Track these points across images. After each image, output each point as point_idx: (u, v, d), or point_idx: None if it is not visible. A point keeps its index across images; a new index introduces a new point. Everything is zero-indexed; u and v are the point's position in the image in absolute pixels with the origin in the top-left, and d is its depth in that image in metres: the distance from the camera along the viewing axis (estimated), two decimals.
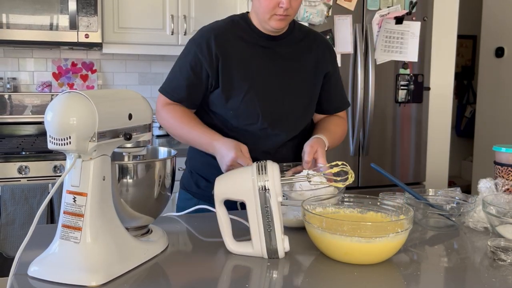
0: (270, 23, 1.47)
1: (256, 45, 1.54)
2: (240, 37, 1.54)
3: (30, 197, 2.41)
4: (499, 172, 1.50)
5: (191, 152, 1.69)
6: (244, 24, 1.56)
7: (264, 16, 1.47)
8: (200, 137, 1.49)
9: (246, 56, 1.52)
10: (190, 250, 1.15)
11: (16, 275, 0.96)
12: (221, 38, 1.52)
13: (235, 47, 1.52)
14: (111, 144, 0.98)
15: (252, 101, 1.51)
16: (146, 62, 3.36)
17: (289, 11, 1.44)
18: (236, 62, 1.51)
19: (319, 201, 1.21)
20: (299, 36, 1.60)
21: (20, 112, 3.03)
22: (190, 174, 1.67)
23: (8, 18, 2.65)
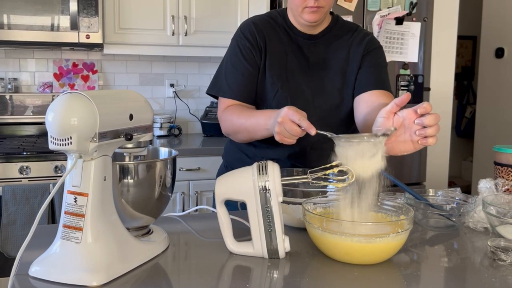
0: (303, 16, 1.47)
1: (291, 43, 1.54)
2: (277, 33, 1.54)
3: (31, 197, 2.42)
4: (499, 172, 1.51)
5: (227, 146, 1.71)
6: (281, 21, 1.56)
7: (297, 9, 1.46)
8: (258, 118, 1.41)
9: (281, 53, 1.52)
10: (191, 250, 1.15)
11: (17, 275, 0.97)
12: (264, 31, 1.52)
13: (272, 41, 1.52)
14: (112, 145, 0.98)
15: (284, 98, 1.51)
16: (147, 62, 3.36)
17: (320, 2, 1.43)
18: (271, 58, 1.51)
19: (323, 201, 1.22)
20: (338, 33, 1.57)
21: (21, 112, 3.03)
22: (225, 168, 1.69)
23: (9, 18, 2.65)
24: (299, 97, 1.53)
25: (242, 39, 1.53)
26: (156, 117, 3.17)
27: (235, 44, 1.55)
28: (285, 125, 1.20)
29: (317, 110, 1.54)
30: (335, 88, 1.55)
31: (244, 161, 1.57)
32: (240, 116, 1.47)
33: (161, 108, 3.42)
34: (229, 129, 1.52)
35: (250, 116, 1.44)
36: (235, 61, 1.54)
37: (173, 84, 3.40)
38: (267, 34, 1.53)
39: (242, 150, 1.63)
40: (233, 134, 1.53)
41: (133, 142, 1.06)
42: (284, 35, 1.54)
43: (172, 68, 3.41)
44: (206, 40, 3.04)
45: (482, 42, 4.35)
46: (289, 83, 1.52)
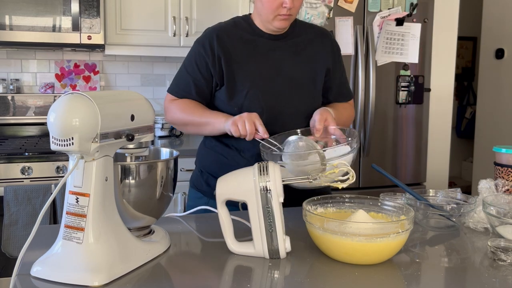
0: (273, 24, 1.50)
1: (257, 44, 1.57)
2: (242, 37, 1.57)
3: (33, 198, 2.42)
4: (499, 173, 1.51)
5: (201, 151, 1.71)
6: (245, 25, 1.59)
7: (267, 16, 1.49)
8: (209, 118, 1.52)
9: (247, 55, 1.55)
10: (192, 250, 1.15)
11: (19, 275, 0.97)
12: (223, 38, 1.55)
13: (237, 46, 1.55)
14: (114, 145, 0.99)
15: (255, 97, 1.53)
16: (148, 63, 3.37)
17: (292, 11, 1.47)
18: (238, 60, 1.54)
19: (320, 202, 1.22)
20: (300, 32, 1.62)
21: (23, 113, 3.04)
22: (200, 173, 1.68)
23: (11, 19, 2.66)
24: (270, 95, 1.55)
25: (201, 46, 1.56)
26: (157, 118, 3.17)
27: (194, 48, 1.60)
28: (247, 120, 1.36)
29: (289, 107, 1.57)
30: (305, 82, 1.59)
31: (222, 163, 1.59)
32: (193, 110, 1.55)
33: (162, 109, 3.42)
34: (175, 120, 1.60)
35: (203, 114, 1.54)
36: (188, 64, 1.60)
37: None
38: (231, 40, 1.56)
39: (218, 152, 1.62)
40: (180, 126, 1.63)
41: (134, 142, 1.06)
42: (250, 37, 1.57)
43: (174, 69, 3.41)
44: None
45: (482, 43, 4.35)
46: (260, 83, 1.54)
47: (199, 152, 1.73)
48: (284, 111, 1.56)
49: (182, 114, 1.57)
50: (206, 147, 1.68)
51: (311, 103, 1.61)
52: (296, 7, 1.48)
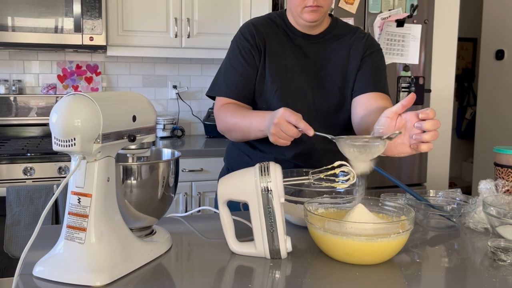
0: (302, 16, 1.47)
1: (291, 43, 1.54)
2: (277, 34, 1.54)
3: (35, 198, 2.43)
4: (499, 173, 1.51)
5: (229, 149, 1.72)
6: (280, 22, 1.56)
7: (296, 9, 1.47)
8: (252, 120, 1.42)
9: (280, 53, 1.53)
10: (193, 251, 1.15)
11: (22, 275, 0.97)
12: (263, 33, 1.53)
13: (271, 42, 1.53)
14: (116, 146, 0.99)
15: (283, 98, 1.51)
16: (150, 64, 3.37)
17: (320, 2, 1.44)
18: (271, 57, 1.52)
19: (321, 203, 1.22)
20: (338, 34, 1.58)
21: (25, 114, 3.04)
22: (227, 170, 1.69)
23: (13, 21, 2.67)
24: (299, 96, 1.53)
25: (241, 40, 1.54)
26: (159, 119, 3.18)
27: (234, 46, 1.57)
28: (281, 126, 1.20)
29: (317, 109, 1.55)
30: (335, 88, 1.56)
31: (247, 163, 1.57)
32: (235, 115, 1.47)
33: (164, 110, 3.43)
34: (223, 127, 1.53)
35: (245, 116, 1.45)
36: (234, 61, 1.55)
37: (176, 85, 3.41)
38: (267, 34, 1.54)
39: (244, 152, 1.63)
40: (227, 133, 1.54)
41: (136, 143, 1.06)
42: (284, 35, 1.55)
43: (175, 70, 3.42)
44: (209, 42, 3.06)
45: (482, 44, 4.35)
46: (289, 82, 1.53)
47: (228, 149, 1.74)
48: (311, 116, 1.49)
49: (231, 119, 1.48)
50: (233, 145, 1.68)
51: (338, 113, 1.57)
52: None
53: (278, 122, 1.20)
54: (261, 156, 1.58)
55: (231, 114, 1.48)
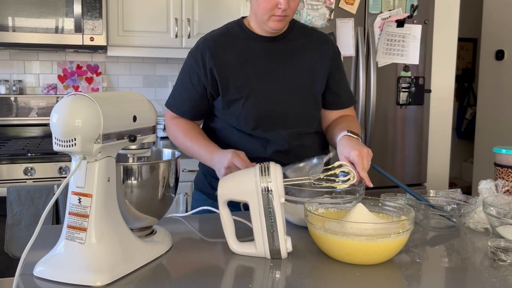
0: (268, 24, 1.47)
1: (252, 49, 1.54)
2: (235, 44, 1.54)
3: (36, 198, 2.43)
4: (499, 173, 1.51)
5: None
6: (239, 30, 1.56)
7: (262, 17, 1.47)
8: (200, 151, 1.53)
9: (242, 63, 1.52)
10: (193, 251, 1.16)
11: (22, 275, 0.98)
12: (215, 49, 1.53)
13: (231, 55, 1.53)
14: (116, 146, 0.99)
15: (253, 106, 1.52)
16: (151, 64, 3.37)
17: (287, 12, 1.44)
18: (233, 70, 1.52)
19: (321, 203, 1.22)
20: (298, 35, 1.59)
21: (25, 114, 3.05)
22: (204, 176, 1.68)
23: (14, 21, 2.67)
24: (268, 101, 1.53)
25: (193, 60, 1.56)
26: (159, 119, 3.18)
27: (187, 62, 1.60)
28: (232, 170, 1.34)
29: (289, 109, 1.55)
30: (304, 87, 1.57)
31: None
32: (186, 137, 1.57)
33: (164, 110, 3.42)
34: (175, 141, 1.62)
35: (194, 143, 1.55)
36: (184, 80, 1.59)
37: None
38: (223, 49, 1.53)
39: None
40: (177, 147, 1.64)
41: (136, 143, 1.06)
42: (242, 44, 1.54)
43: (176, 70, 3.42)
44: None
45: (482, 44, 4.35)
46: (256, 90, 1.52)
47: None
48: (283, 118, 1.54)
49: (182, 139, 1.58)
50: None
51: (311, 109, 1.59)
52: (292, 8, 1.45)
53: (229, 167, 1.36)
54: None
55: (183, 134, 1.58)
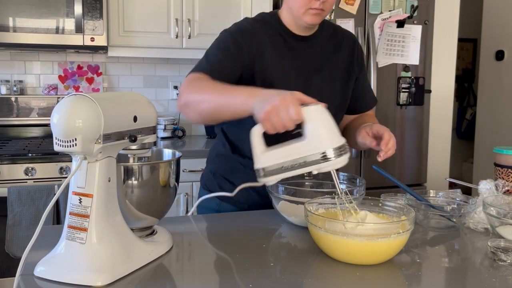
0: (304, 18, 1.41)
1: (285, 46, 1.48)
2: (271, 38, 1.47)
3: (37, 198, 2.43)
4: (499, 173, 1.51)
5: (213, 156, 1.65)
6: (275, 24, 1.49)
7: (298, 10, 1.41)
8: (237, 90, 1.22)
9: (275, 58, 1.46)
10: (194, 251, 1.16)
11: (23, 275, 0.98)
12: (255, 35, 1.45)
13: (266, 47, 1.46)
14: (117, 146, 0.99)
15: None
16: (151, 65, 3.38)
17: (325, 5, 1.39)
18: (265, 62, 1.45)
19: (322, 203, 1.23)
20: (328, 34, 1.55)
21: (26, 114, 3.05)
22: (212, 175, 1.62)
23: (14, 21, 2.67)
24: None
25: (233, 35, 1.45)
26: (160, 119, 3.18)
27: (226, 36, 1.47)
28: (282, 111, 1.05)
29: None
30: (334, 89, 1.54)
31: (239, 170, 1.53)
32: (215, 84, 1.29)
33: (165, 110, 3.43)
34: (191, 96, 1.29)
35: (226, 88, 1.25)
36: (223, 47, 1.44)
37: (177, 86, 3.41)
38: (260, 39, 1.46)
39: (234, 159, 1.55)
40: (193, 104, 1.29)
41: (137, 143, 1.07)
42: (279, 39, 1.48)
43: (176, 70, 3.42)
44: (209, 43, 3.01)
45: (482, 45, 4.35)
46: (294, 83, 1.46)
47: (212, 154, 1.66)
48: None
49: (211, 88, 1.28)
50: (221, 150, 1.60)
51: (339, 110, 1.56)
52: (330, 1, 1.39)
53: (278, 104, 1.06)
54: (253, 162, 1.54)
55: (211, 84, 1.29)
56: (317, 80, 1.51)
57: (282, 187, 1.31)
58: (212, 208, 1.56)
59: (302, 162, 1.08)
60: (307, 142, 1.08)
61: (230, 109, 1.21)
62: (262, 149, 1.11)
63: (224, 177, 1.58)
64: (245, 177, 1.35)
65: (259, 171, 1.12)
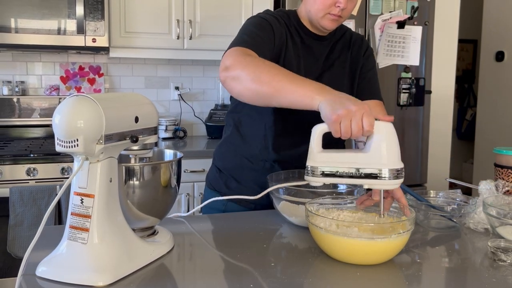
0: (322, 22, 1.43)
1: (302, 43, 1.50)
2: (291, 33, 1.49)
3: (38, 199, 2.44)
4: (499, 174, 1.52)
5: (221, 151, 1.64)
6: (294, 21, 1.51)
7: (317, 14, 1.42)
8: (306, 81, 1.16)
9: (295, 55, 1.48)
10: (195, 251, 1.16)
11: (25, 275, 0.98)
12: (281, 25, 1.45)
13: (288, 40, 1.47)
14: (118, 147, 1.00)
15: None
16: (152, 66, 3.38)
17: (343, 13, 1.41)
18: (287, 55, 1.46)
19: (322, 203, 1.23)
20: (339, 35, 1.57)
21: (28, 115, 3.06)
22: (218, 173, 1.62)
23: (16, 22, 2.68)
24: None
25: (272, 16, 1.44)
26: (161, 120, 3.19)
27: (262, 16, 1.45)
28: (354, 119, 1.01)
29: None
30: (344, 87, 1.55)
31: (245, 167, 1.54)
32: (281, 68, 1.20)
33: (166, 111, 3.44)
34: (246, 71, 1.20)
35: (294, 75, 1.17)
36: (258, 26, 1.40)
37: (178, 87, 3.42)
38: (286, 31, 1.47)
39: (243, 154, 1.56)
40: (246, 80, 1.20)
41: (138, 144, 1.07)
42: (296, 35, 1.50)
43: (177, 71, 3.43)
44: (211, 44, 3.06)
45: (482, 46, 4.35)
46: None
47: (218, 151, 1.65)
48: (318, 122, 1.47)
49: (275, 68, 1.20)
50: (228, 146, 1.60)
51: None
52: (348, 9, 1.41)
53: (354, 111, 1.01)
54: (261, 156, 1.54)
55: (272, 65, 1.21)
56: (326, 79, 1.52)
57: (283, 188, 1.32)
58: (218, 208, 1.55)
59: (357, 173, 1.05)
60: (368, 155, 1.05)
61: (291, 97, 1.13)
62: (319, 148, 1.09)
63: (231, 175, 1.58)
64: (252, 174, 1.35)
65: (309, 169, 1.09)
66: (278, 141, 1.51)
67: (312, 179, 1.09)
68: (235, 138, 1.58)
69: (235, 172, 1.57)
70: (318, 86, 1.12)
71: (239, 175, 1.56)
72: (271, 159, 1.53)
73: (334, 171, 1.07)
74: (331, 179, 1.08)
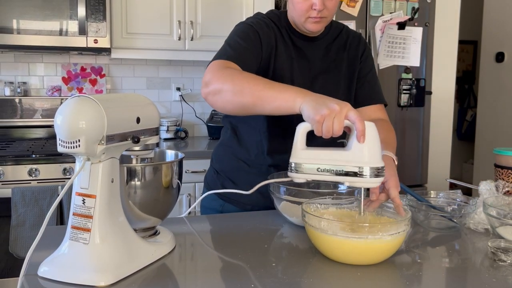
0: (305, 26, 1.42)
1: (293, 46, 1.49)
2: (282, 35, 1.48)
3: (40, 199, 2.44)
4: (499, 174, 1.52)
5: (219, 153, 1.65)
6: (284, 23, 1.50)
7: (299, 19, 1.42)
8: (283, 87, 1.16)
9: (287, 58, 1.47)
10: (196, 251, 1.16)
11: (27, 275, 0.98)
12: (270, 30, 1.45)
13: (278, 44, 1.46)
14: (120, 147, 1.00)
15: None
16: (154, 67, 3.39)
17: (324, 13, 1.39)
18: (278, 59, 1.46)
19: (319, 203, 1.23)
20: (334, 34, 1.55)
21: (30, 115, 3.07)
22: (216, 174, 1.62)
23: (18, 23, 2.69)
24: None
25: (253, 25, 1.43)
26: (162, 120, 3.19)
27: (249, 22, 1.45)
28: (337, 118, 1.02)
29: None
30: (338, 88, 1.54)
31: (242, 170, 1.54)
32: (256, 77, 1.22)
33: (167, 112, 3.44)
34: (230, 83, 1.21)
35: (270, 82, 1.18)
36: (243, 35, 1.41)
37: (180, 87, 3.42)
38: (276, 35, 1.47)
39: (240, 158, 1.56)
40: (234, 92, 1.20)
41: (140, 144, 1.07)
42: (287, 37, 1.49)
43: (179, 72, 3.43)
44: (212, 45, 3.05)
45: (482, 47, 4.36)
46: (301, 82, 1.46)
47: (216, 153, 1.66)
48: None
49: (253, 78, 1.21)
50: (225, 149, 1.61)
51: None
52: (329, 8, 1.39)
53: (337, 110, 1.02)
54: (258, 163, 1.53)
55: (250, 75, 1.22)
56: (322, 81, 1.51)
57: (284, 188, 1.32)
58: (215, 208, 1.57)
59: (338, 170, 1.06)
60: (349, 153, 1.06)
61: (273, 104, 1.14)
62: (302, 146, 1.10)
63: (228, 177, 1.59)
64: (249, 177, 1.36)
65: (292, 165, 1.10)
66: (272, 146, 1.51)
67: (294, 175, 1.11)
68: (232, 141, 1.59)
69: (232, 174, 1.58)
70: (298, 90, 1.13)
71: (236, 178, 1.57)
72: (266, 164, 1.52)
73: (315, 168, 1.08)
74: (313, 175, 1.09)
